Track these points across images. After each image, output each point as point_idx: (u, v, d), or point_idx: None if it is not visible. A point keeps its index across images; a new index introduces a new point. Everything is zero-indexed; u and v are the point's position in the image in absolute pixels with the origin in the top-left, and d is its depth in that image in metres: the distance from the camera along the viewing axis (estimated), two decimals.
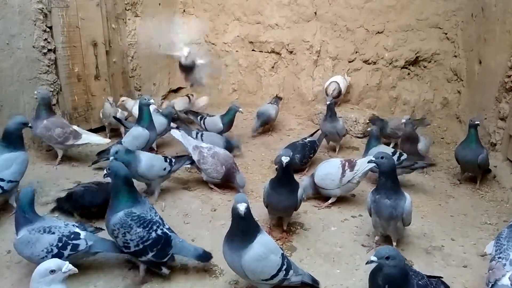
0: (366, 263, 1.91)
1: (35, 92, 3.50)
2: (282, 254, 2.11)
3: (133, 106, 4.30)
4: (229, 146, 3.92)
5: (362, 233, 2.84)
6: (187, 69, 4.16)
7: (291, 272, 2.10)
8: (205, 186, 3.46)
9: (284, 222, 2.77)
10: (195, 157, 3.31)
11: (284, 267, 2.07)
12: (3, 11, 3.38)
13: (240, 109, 4.33)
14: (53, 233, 2.15)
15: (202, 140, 3.77)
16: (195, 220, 2.94)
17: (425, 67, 5.47)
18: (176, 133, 3.51)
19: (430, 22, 5.29)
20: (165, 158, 3.18)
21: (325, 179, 3.10)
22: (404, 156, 3.45)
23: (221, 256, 2.15)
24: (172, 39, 4.21)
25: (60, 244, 2.14)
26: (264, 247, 2.03)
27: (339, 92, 4.94)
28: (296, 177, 2.95)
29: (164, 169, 3.09)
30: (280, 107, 5.13)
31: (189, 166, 3.40)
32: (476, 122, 3.40)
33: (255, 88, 6.07)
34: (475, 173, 3.55)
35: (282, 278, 2.08)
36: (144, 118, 3.53)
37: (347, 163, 3.10)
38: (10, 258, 2.40)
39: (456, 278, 2.39)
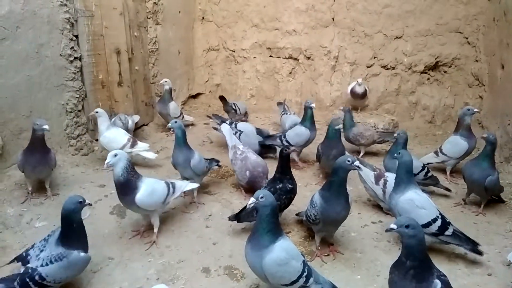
0: (386, 231, 1.93)
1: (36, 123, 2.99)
2: (304, 261, 2.11)
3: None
4: (265, 149, 4.02)
5: (382, 239, 2.83)
6: None
7: (311, 279, 2.09)
8: (226, 190, 3.52)
9: (330, 236, 2.70)
10: (229, 156, 3.44)
11: (305, 274, 2.06)
12: (33, 21, 3.51)
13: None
14: None
15: (239, 139, 3.88)
16: (216, 224, 2.98)
17: (445, 72, 5.41)
18: (225, 127, 3.64)
19: (450, 27, 5.24)
20: None
21: None
22: (431, 173, 3.41)
23: (242, 260, 2.17)
24: None
25: None
26: (285, 252, 2.03)
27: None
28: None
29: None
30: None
31: (216, 167, 3.54)
32: (492, 136, 3.05)
33: (273, 94, 6.12)
34: (481, 196, 3.16)
35: (302, 285, 2.07)
36: (306, 119, 3.96)
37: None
38: None
39: (481, 286, 2.35)
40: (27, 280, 1.98)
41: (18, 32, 3.38)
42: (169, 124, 3.24)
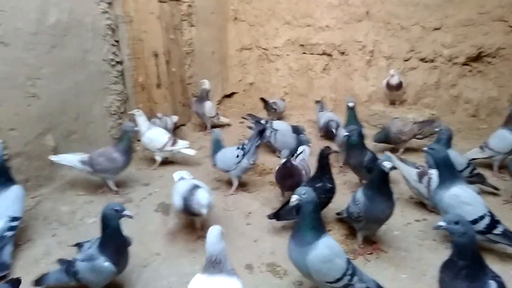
0: (433, 228, 1.88)
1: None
2: (348, 259, 2.10)
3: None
4: (300, 144, 4.04)
5: (427, 237, 2.76)
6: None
7: (355, 278, 2.08)
8: (264, 188, 3.56)
9: (372, 234, 2.68)
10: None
11: (349, 272, 2.05)
12: (78, 29, 3.69)
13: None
14: None
15: (275, 138, 4.05)
16: (256, 222, 3.02)
17: (489, 63, 5.16)
18: (306, 150, 3.46)
19: (493, 15, 4.99)
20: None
21: None
22: (477, 170, 3.28)
23: (284, 257, 2.19)
24: None
25: None
26: (329, 250, 2.03)
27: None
28: None
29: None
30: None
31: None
32: None
33: (306, 91, 6.09)
34: None
35: (347, 283, 2.06)
36: (349, 118, 4.03)
37: None
38: None
39: None
40: (69, 268, 2.15)
41: (65, 40, 3.57)
42: (209, 131, 3.44)
